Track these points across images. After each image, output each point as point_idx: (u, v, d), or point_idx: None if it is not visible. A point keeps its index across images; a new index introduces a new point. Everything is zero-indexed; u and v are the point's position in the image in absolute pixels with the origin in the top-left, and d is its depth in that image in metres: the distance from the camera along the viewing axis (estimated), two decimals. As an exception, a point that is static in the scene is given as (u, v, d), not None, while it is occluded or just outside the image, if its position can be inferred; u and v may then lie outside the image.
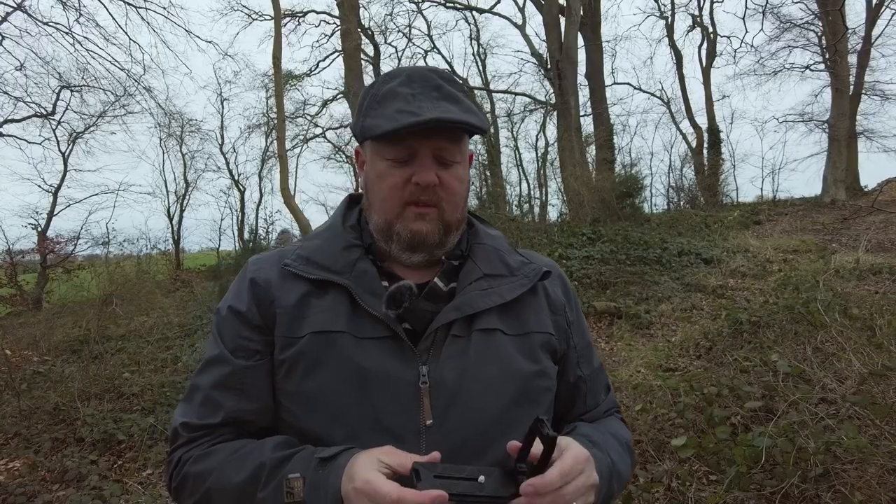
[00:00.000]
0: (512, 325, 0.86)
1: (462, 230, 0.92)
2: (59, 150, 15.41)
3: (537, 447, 0.69)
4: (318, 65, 19.67)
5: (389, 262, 0.89)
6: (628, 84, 28.30)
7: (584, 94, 15.48)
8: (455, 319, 0.82)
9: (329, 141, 23.41)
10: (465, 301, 0.84)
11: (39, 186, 15.14)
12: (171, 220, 20.76)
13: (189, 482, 0.80)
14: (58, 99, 14.40)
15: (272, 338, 0.84)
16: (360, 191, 0.96)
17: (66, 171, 15.39)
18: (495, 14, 20.23)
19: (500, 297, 0.85)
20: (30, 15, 11.60)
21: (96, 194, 16.75)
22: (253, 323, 0.84)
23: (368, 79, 17.59)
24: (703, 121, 19.86)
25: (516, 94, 21.34)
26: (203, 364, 0.87)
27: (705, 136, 19.30)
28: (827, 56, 15.43)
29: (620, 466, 0.84)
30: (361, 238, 0.90)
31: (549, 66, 15.22)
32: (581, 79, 14.93)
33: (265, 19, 17.55)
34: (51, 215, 14.48)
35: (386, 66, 21.60)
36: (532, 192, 23.75)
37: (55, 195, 14.88)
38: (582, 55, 14.87)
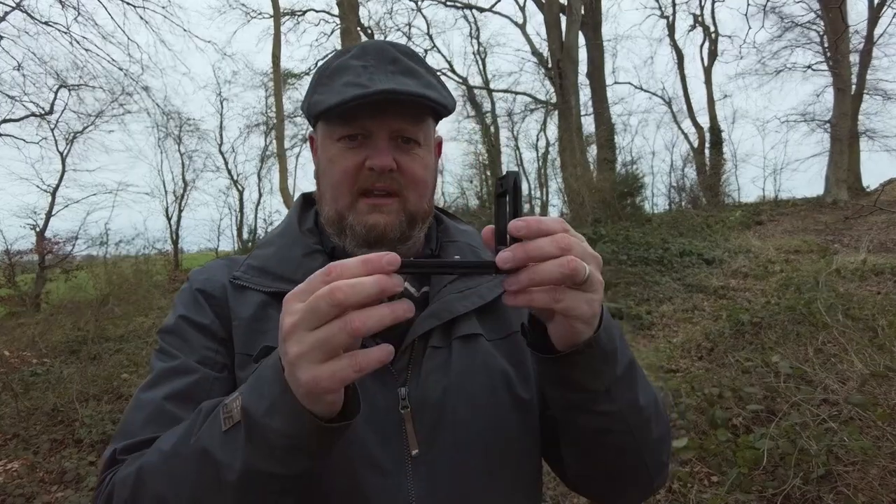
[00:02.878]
0: (493, 328, 0.78)
1: (429, 224, 0.82)
2: (58, 150, 15.42)
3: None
4: (317, 64, 19.63)
5: None
6: (629, 84, 28.24)
7: (584, 94, 15.50)
8: (433, 328, 0.73)
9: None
10: (443, 306, 0.74)
11: (37, 186, 15.14)
12: (169, 220, 20.77)
13: (115, 490, 0.63)
14: (55, 98, 14.42)
15: (234, 353, 0.74)
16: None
17: (64, 170, 15.39)
18: (496, 13, 20.24)
19: (480, 298, 0.76)
20: (28, 14, 11.60)
21: (94, 194, 16.85)
22: (218, 336, 0.75)
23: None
24: (704, 120, 19.88)
25: (517, 93, 21.33)
26: (152, 378, 0.72)
27: (707, 135, 19.30)
28: (829, 55, 15.41)
29: (638, 372, 0.68)
30: (322, 243, 0.80)
31: (549, 66, 15.21)
32: (582, 78, 14.93)
33: (264, 17, 17.55)
34: (49, 215, 14.47)
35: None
36: (532, 192, 23.75)
37: (53, 195, 14.87)
38: (583, 54, 14.88)
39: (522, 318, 0.77)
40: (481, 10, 20.30)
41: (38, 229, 13.74)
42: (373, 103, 0.70)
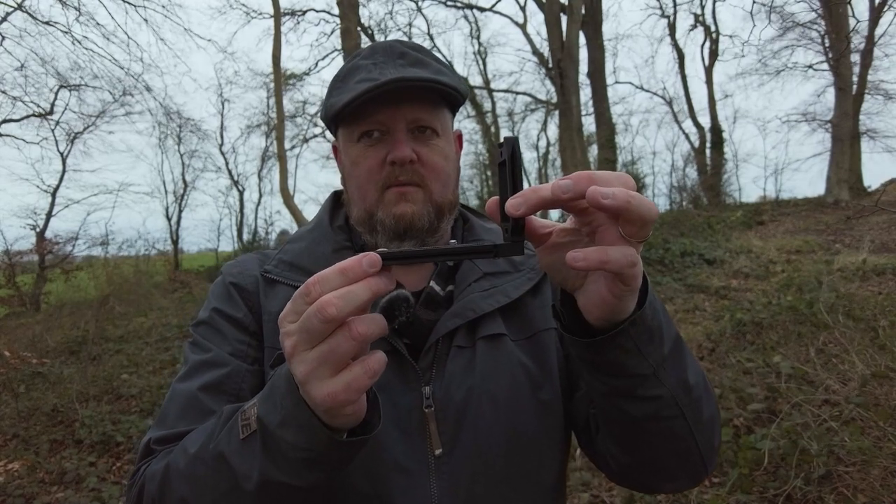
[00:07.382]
0: (517, 328, 0.76)
1: (455, 216, 0.82)
2: (58, 151, 15.44)
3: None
4: (317, 64, 19.58)
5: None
6: (630, 83, 28.25)
7: (585, 94, 15.47)
8: (457, 327, 0.72)
9: (329, 141, 23.36)
10: (467, 304, 0.73)
11: (38, 187, 15.18)
12: (169, 220, 20.80)
13: (146, 485, 0.64)
14: (56, 98, 14.42)
15: (264, 346, 0.75)
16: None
17: (64, 171, 15.43)
18: (496, 13, 20.24)
19: (505, 297, 0.75)
20: (30, 15, 11.58)
21: (95, 195, 16.88)
22: (250, 329, 0.76)
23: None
24: (705, 120, 19.88)
25: (517, 93, 21.34)
26: (187, 370, 0.74)
27: (708, 135, 19.28)
28: (830, 55, 15.40)
29: (686, 349, 0.63)
30: (352, 240, 0.81)
31: (550, 65, 15.20)
32: (583, 78, 14.90)
33: (264, 17, 17.55)
34: (49, 216, 14.50)
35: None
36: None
37: (53, 195, 14.90)
38: (583, 54, 14.85)
39: (547, 318, 0.77)
40: (482, 9, 20.29)
41: (38, 230, 13.76)
42: (386, 96, 0.70)
